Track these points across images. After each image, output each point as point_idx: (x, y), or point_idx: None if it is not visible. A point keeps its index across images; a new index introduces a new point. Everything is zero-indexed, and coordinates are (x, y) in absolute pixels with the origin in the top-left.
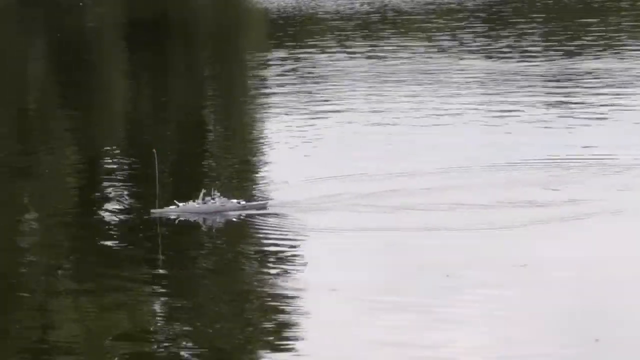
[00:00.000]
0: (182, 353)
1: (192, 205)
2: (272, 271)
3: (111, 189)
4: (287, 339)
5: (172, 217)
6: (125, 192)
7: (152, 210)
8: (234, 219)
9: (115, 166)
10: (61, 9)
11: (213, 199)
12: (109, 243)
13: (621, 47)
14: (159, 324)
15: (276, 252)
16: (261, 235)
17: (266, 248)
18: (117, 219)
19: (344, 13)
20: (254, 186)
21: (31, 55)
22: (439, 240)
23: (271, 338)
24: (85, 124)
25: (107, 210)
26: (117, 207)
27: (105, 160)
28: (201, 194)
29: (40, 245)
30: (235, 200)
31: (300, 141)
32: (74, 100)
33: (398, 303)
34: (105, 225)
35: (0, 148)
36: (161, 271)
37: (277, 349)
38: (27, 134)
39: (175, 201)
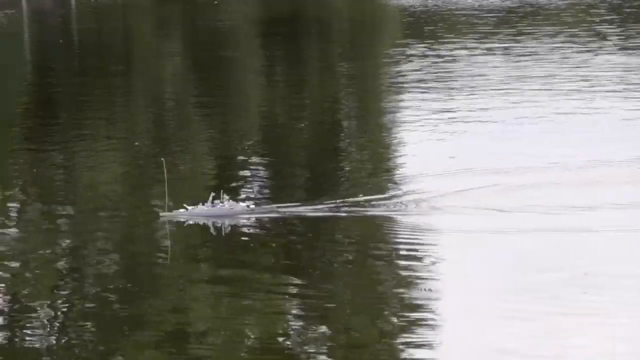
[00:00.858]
0: (315, 350)
1: (201, 208)
2: (401, 274)
3: (242, 184)
4: (412, 345)
5: (182, 220)
6: (256, 190)
7: (161, 214)
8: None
9: (249, 165)
10: (197, 7)
11: (222, 202)
12: (242, 238)
13: None
14: (291, 320)
15: (405, 255)
16: (391, 234)
17: (394, 248)
18: (246, 217)
19: (482, 8)
20: (384, 182)
21: (167, 52)
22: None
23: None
24: (219, 120)
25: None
26: (248, 202)
27: (240, 158)
28: (210, 198)
29: (175, 236)
30: (244, 204)
31: (435, 137)
32: (209, 96)
33: (530, 309)
34: (236, 221)
35: (136, 144)
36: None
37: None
38: (162, 130)
39: (184, 205)
